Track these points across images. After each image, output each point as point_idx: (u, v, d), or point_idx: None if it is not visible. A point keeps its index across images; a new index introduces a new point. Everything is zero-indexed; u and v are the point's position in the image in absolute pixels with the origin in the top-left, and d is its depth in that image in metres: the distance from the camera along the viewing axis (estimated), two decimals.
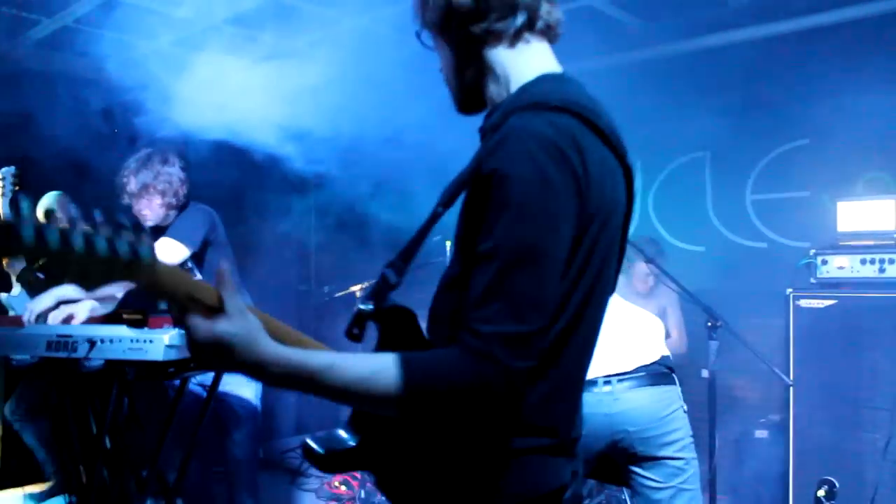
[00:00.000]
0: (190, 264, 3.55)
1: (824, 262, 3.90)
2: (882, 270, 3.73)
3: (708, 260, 5.28)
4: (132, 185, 3.51)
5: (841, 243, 3.96)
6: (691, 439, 2.87)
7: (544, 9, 1.45)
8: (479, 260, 1.22)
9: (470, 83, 1.49)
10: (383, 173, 4.31)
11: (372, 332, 1.44)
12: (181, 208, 3.64)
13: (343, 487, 5.18)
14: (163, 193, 3.52)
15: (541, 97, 1.33)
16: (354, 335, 1.42)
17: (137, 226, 1.08)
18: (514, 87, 1.43)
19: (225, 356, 1.18)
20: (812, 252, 3.98)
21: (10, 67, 4.94)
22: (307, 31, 4.87)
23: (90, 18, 4.72)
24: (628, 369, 2.83)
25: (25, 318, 3.08)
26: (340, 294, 5.29)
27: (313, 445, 1.38)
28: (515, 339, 1.17)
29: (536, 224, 1.20)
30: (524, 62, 1.44)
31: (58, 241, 0.99)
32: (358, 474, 4.81)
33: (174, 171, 3.56)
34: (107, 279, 1.06)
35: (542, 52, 1.48)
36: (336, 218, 5.62)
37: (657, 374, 2.87)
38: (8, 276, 4.29)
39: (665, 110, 5.18)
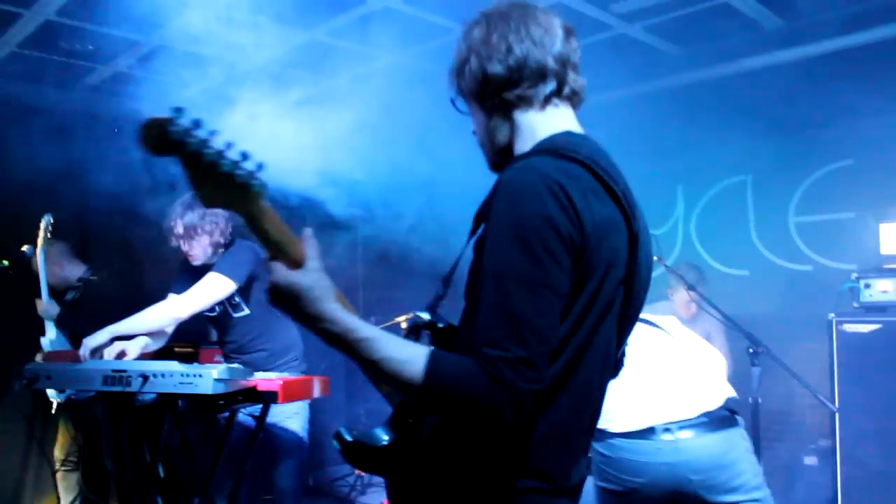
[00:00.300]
0: (237, 298, 3.65)
1: (867, 286, 3.85)
2: None
3: (752, 284, 5.24)
4: (179, 227, 3.60)
5: (885, 266, 3.91)
6: (760, 478, 2.72)
7: (571, 77, 1.56)
8: (485, 279, 1.32)
9: (502, 144, 1.58)
10: (424, 208, 4.40)
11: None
12: (227, 245, 3.74)
13: None
14: (210, 234, 3.61)
15: (560, 146, 1.43)
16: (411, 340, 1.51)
17: (257, 164, 1.27)
18: (539, 141, 1.51)
19: (293, 302, 1.35)
20: (854, 276, 3.94)
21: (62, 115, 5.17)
22: (344, 70, 5.02)
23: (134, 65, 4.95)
24: (690, 416, 2.66)
25: (81, 354, 3.22)
26: (386, 325, 5.38)
27: (344, 433, 1.50)
28: (520, 362, 1.25)
29: (535, 255, 1.28)
30: (551, 123, 1.54)
31: (197, 143, 1.16)
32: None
33: (219, 211, 3.65)
34: (218, 196, 1.24)
35: (568, 115, 1.58)
36: (381, 251, 5.72)
37: (720, 418, 2.70)
38: (42, 322, 4.44)
39: (705, 135, 5.20)
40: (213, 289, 3.49)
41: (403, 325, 5.10)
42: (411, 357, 1.30)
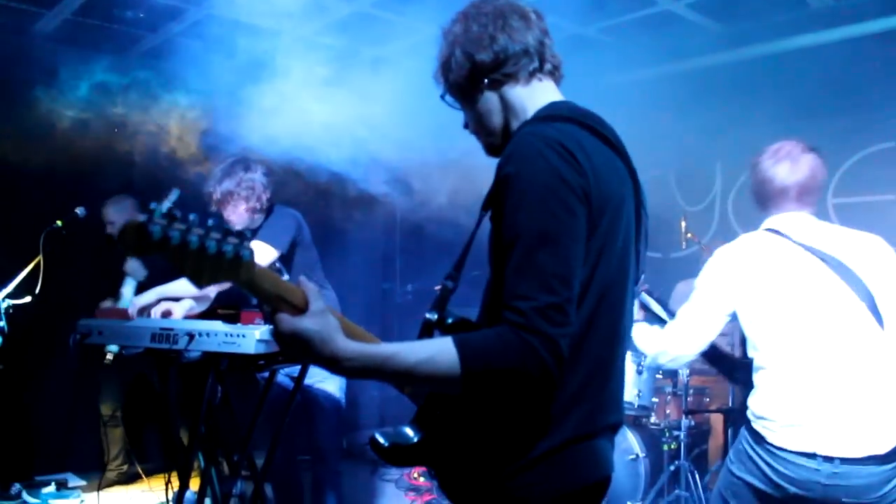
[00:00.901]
0: (278, 265, 3.77)
1: None
2: None
3: None
4: (217, 194, 3.71)
5: None
6: None
7: (549, 54, 1.69)
8: (507, 248, 1.40)
9: (497, 126, 1.70)
10: (460, 180, 4.47)
11: None
12: (267, 211, 3.86)
13: (422, 479, 5.38)
14: (246, 199, 3.72)
15: (548, 112, 1.57)
16: None
17: (241, 233, 1.28)
18: (530, 116, 1.63)
19: (305, 349, 1.36)
20: None
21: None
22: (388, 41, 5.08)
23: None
24: (857, 456, 2.38)
25: (131, 311, 3.38)
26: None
27: (380, 439, 1.55)
28: (551, 308, 1.34)
29: (552, 210, 1.38)
30: (538, 96, 1.66)
31: (178, 239, 1.19)
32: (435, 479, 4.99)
33: (256, 177, 3.74)
34: (214, 276, 1.25)
35: (551, 88, 1.70)
36: (417, 222, 5.82)
37: (888, 454, 2.39)
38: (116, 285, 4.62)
39: (745, 113, 5.18)
40: (258, 257, 3.61)
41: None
42: (439, 351, 1.36)
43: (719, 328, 2.67)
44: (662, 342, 2.80)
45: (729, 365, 2.80)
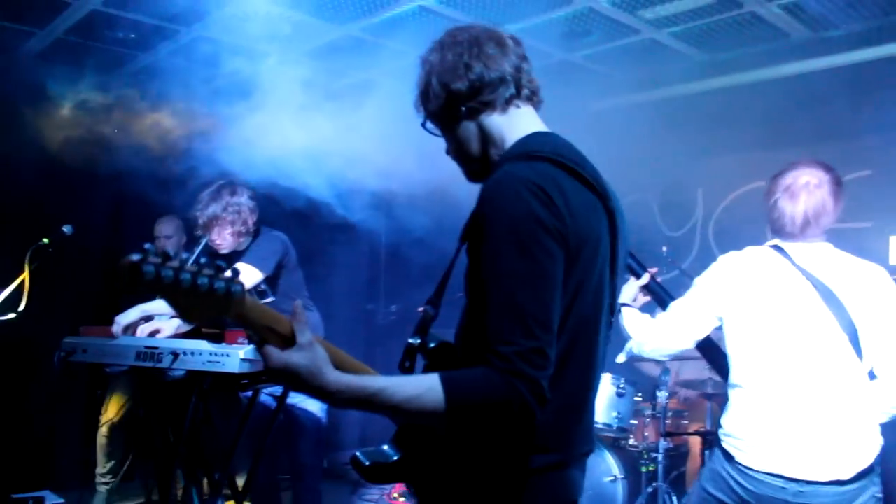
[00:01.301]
0: (263, 286, 3.81)
1: None
2: None
3: None
4: (204, 217, 3.78)
5: (894, 277, 3.98)
6: None
7: (526, 80, 1.71)
8: (486, 289, 1.44)
9: (476, 153, 1.72)
10: (448, 202, 4.52)
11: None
12: (254, 234, 3.91)
13: (402, 499, 5.38)
14: (232, 223, 3.78)
15: (526, 149, 1.58)
16: (406, 368, 1.64)
17: (233, 269, 1.33)
18: (509, 146, 1.66)
19: (294, 381, 1.40)
20: None
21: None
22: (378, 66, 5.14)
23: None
24: (821, 480, 2.47)
25: (115, 330, 3.39)
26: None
27: (361, 458, 1.60)
28: (532, 352, 1.39)
29: (530, 253, 1.41)
30: (516, 124, 1.69)
31: (171, 277, 1.23)
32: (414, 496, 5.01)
33: (242, 201, 3.81)
34: (205, 311, 1.29)
35: (530, 115, 1.73)
36: (404, 241, 5.86)
37: (850, 479, 2.48)
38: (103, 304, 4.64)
39: (727, 140, 5.29)
40: (244, 279, 3.64)
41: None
42: (427, 389, 1.39)
43: (706, 329, 2.76)
44: (649, 331, 2.87)
45: (722, 360, 2.83)
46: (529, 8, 4.55)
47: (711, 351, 2.98)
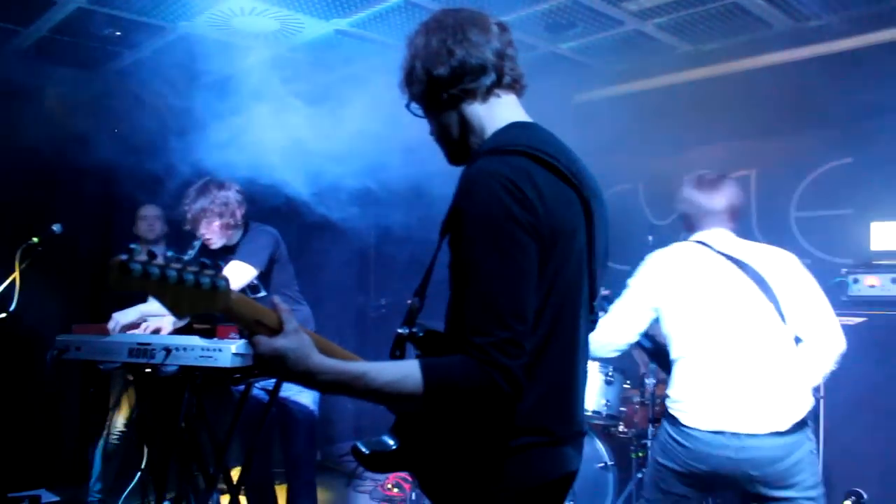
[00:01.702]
0: (256, 281, 3.84)
1: (856, 281, 4.01)
2: None
3: None
4: (192, 211, 3.81)
5: (874, 262, 4.06)
6: (817, 477, 2.80)
7: (508, 67, 1.73)
8: (463, 283, 1.49)
9: (456, 138, 1.76)
10: (433, 196, 4.57)
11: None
12: (244, 229, 3.94)
13: (395, 490, 5.43)
14: (220, 215, 3.80)
15: (502, 143, 1.61)
16: (397, 356, 1.70)
17: (216, 265, 1.38)
18: (488, 135, 1.70)
19: (281, 366, 1.46)
20: (844, 271, 4.10)
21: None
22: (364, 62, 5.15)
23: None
24: (760, 433, 2.72)
25: (111, 327, 3.43)
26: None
27: (361, 447, 1.66)
28: (507, 343, 1.44)
29: (504, 248, 1.46)
30: (496, 114, 1.72)
31: (157, 274, 1.29)
32: (409, 477, 5.07)
33: (229, 194, 3.84)
34: (192, 306, 1.34)
35: (511, 103, 1.76)
36: (391, 235, 5.90)
37: (787, 430, 2.74)
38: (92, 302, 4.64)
39: (712, 130, 5.34)
40: (237, 276, 3.69)
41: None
42: (406, 374, 1.45)
43: (645, 322, 3.04)
44: (596, 332, 2.99)
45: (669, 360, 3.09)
46: (514, 0, 4.58)
47: (660, 356, 3.22)
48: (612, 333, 3.08)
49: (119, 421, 5.12)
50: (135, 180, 4.91)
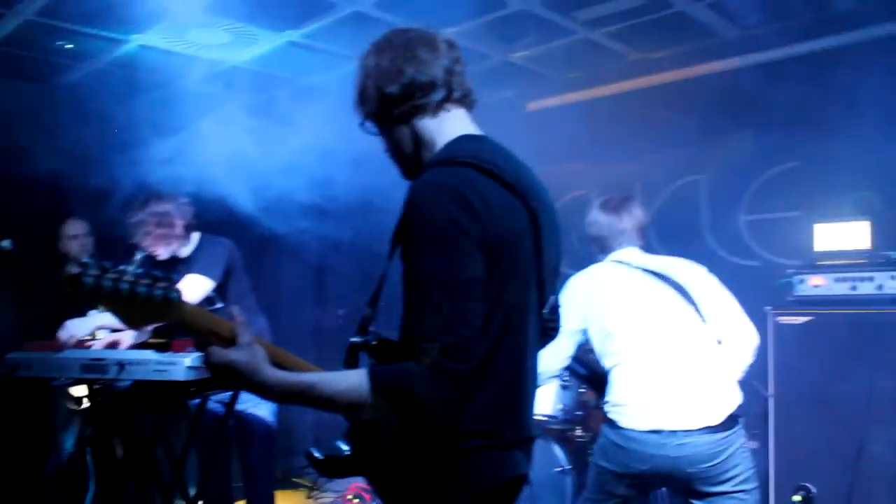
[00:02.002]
0: (212, 293, 3.82)
1: (801, 281, 4.12)
2: (854, 288, 3.95)
3: None
4: (135, 224, 3.78)
5: (818, 263, 4.18)
6: (750, 472, 2.96)
7: (457, 82, 1.78)
8: (411, 289, 1.53)
9: (410, 154, 1.80)
10: (385, 209, 4.59)
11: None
12: (197, 240, 3.91)
13: (356, 501, 5.41)
14: (158, 225, 3.78)
15: (450, 154, 1.66)
16: (350, 365, 1.70)
17: (168, 277, 1.41)
18: (438, 147, 1.74)
19: (234, 378, 1.50)
20: (789, 271, 4.22)
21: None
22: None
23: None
24: (693, 428, 2.87)
25: (64, 337, 3.37)
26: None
27: (315, 452, 1.67)
28: (452, 348, 1.46)
29: (450, 256, 1.50)
30: (446, 128, 1.76)
31: (110, 287, 1.31)
32: (369, 486, 5.05)
33: (170, 207, 3.81)
34: (146, 317, 1.37)
35: (461, 117, 1.80)
36: (350, 245, 5.90)
37: (722, 423, 2.89)
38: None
39: (662, 136, 5.45)
40: (194, 289, 3.67)
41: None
42: (355, 383, 1.48)
43: (573, 345, 3.15)
44: None
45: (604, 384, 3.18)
46: (465, 11, 4.63)
47: (592, 380, 3.38)
48: (543, 360, 3.11)
49: (68, 441, 5.01)
50: (84, 194, 4.84)
